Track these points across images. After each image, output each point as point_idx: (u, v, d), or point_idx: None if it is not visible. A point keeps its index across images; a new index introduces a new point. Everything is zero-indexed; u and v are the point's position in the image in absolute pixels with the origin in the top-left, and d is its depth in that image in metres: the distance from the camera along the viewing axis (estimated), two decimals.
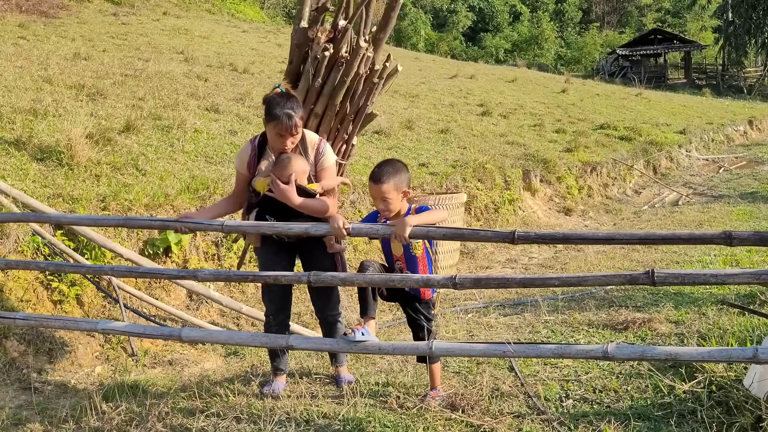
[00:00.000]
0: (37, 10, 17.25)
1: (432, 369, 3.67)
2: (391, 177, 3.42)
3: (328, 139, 4.24)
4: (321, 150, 3.72)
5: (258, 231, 3.66)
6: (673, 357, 3.11)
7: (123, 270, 4.34)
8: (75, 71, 10.39)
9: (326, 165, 3.72)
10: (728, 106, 27.85)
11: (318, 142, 3.75)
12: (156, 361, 5.08)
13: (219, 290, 6.06)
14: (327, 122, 4.26)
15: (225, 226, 3.63)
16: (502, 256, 8.51)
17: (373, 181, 3.45)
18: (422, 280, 3.39)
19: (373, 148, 10.22)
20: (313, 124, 4.28)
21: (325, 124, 4.26)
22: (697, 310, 4.82)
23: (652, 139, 15.76)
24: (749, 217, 9.65)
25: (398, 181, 3.45)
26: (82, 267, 4.66)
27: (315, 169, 3.70)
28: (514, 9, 53.71)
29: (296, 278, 3.61)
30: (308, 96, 4.32)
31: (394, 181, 3.43)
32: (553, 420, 3.33)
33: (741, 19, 40.79)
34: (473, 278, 3.48)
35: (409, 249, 3.54)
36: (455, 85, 19.51)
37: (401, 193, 3.48)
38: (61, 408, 3.81)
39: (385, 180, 3.41)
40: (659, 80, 40.46)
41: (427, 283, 3.41)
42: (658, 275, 2.93)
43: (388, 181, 3.42)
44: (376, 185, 3.44)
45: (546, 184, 11.44)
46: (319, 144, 3.74)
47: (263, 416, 3.46)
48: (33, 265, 4.78)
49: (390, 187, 3.42)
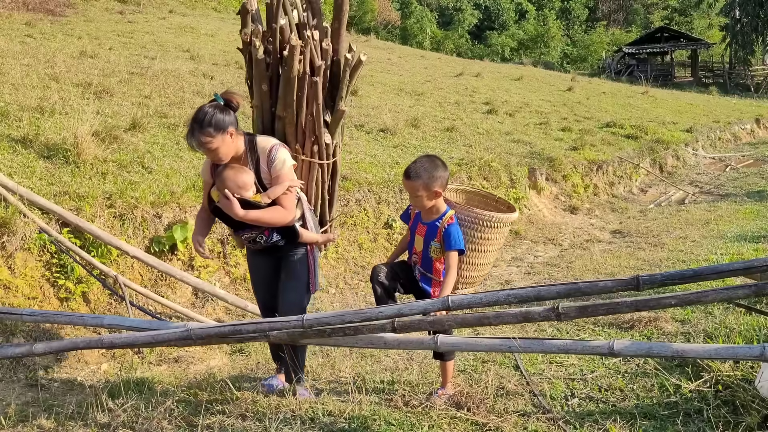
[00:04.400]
0: (44, 9, 17.29)
1: (446, 366, 3.67)
2: (423, 174, 3.38)
3: (296, 141, 4.12)
4: (272, 157, 3.58)
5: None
6: (680, 354, 3.07)
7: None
8: (81, 69, 10.41)
9: (279, 172, 3.58)
10: (735, 105, 27.73)
11: (270, 149, 3.60)
12: (162, 358, 5.10)
13: (225, 288, 6.08)
14: (290, 124, 4.08)
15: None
16: (507, 254, 8.49)
17: (405, 175, 3.44)
18: (521, 314, 3.13)
19: (378, 146, 10.21)
20: (279, 126, 4.14)
21: (288, 126, 4.09)
22: (704, 309, 4.80)
23: (658, 137, 15.70)
24: (756, 215, 9.61)
25: (430, 179, 3.39)
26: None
27: (270, 176, 3.59)
28: (520, 7, 53.63)
29: (380, 327, 3.27)
30: (264, 101, 4.17)
31: (423, 180, 3.38)
32: (558, 419, 3.32)
33: (748, 16, 40.62)
34: (578, 307, 3.06)
35: (428, 251, 3.53)
36: (461, 83, 19.47)
37: (433, 192, 3.42)
38: (67, 405, 3.83)
39: (414, 177, 3.39)
40: (666, 78, 40.34)
41: (527, 317, 3.18)
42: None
43: (418, 179, 3.38)
44: (406, 180, 3.43)
45: (552, 182, 11.41)
46: (271, 150, 3.59)
47: (268, 414, 3.46)
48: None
49: (419, 185, 3.39)
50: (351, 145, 9.76)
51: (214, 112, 3.41)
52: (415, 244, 3.60)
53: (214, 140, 3.39)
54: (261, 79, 4.14)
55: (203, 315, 5.73)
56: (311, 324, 3.29)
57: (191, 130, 3.40)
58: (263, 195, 3.53)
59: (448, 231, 3.46)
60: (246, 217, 3.45)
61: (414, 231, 3.61)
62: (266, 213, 3.51)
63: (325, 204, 4.43)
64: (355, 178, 8.02)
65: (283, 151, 3.64)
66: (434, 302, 3.20)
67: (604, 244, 8.91)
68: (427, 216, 3.53)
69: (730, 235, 8.11)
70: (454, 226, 3.49)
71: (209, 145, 3.39)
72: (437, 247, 3.50)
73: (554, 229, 9.88)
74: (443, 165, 3.48)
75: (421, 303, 3.19)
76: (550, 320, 3.17)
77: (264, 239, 3.60)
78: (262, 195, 3.53)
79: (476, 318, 3.21)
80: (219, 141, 3.40)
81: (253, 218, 3.48)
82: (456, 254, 3.46)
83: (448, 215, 3.51)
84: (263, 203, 3.51)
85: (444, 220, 3.49)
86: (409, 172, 3.41)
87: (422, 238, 3.55)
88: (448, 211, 3.52)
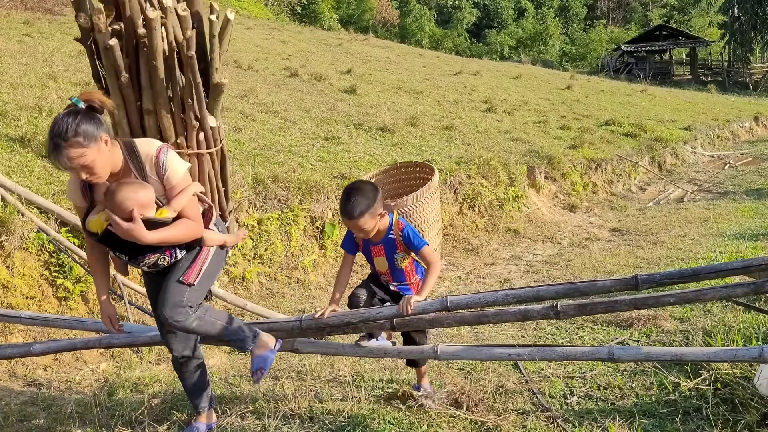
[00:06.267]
0: (42, 8, 17.25)
1: (420, 370, 3.68)
2: (365, 209, 3.15)
3: (176, 134, 3.59)
4: (162, 164, 2.87)
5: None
6: (679, 358, 3.07)
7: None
8: (80, 68, 10.39)
9: (174, 181, 2.88)
10: (734, 103, 27.74)
11: (156, 154, 2.87)
12: (161, 357, 5.09)
13: (224, 287, 6.07)
14: (164, 116, 3.48)
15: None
16: (506, 252, 8.50)
17: (347, 216, 3.17)
18: (520, 312, 3.14)
19: (377, 144, 10.21)
20: (151, 123, 3.54)
21: (164, 120, 3.49)
22: (702, 307, 4.80)
23: (657, 135, 15.71)
24: (755, 213, 9.62)
25: (372, 210, 3.18)
26: None
27: (163, 187, 2.89)
28: (519, 5, 53.62)
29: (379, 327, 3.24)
30: (126, 95, 3.52)
31: (369, 213, 3.17)
32: (557, 417, 3.32)
33: (747, 15, 40.64)
34: (577, 305, 3.04)
35: (395, 265, 3.40)
36: (459, 81, 19.47)
37: (377, 216, 3.23)
38: (66, 404, 3.83)
39: (358, 215, 3.15)
40: (664, 76, 40.35)
41: (526, 316, 3.16)
42: None
43: (363, 215, 3.15)
44: (351, 221, 3.18)
45: (550, 180, 11.41)
46: (157, 157, 2.87)
47: (267, 413, 3.46)
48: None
49: (366, 219, 3.17)
50: (350, 144, 9.75)
51: (77, 120, 2.66)
52: (377, 266, 3.43)
53: (88, 152, 2.65)
54: (116, 71, 3.39)
55: None
56: (309, 325, 3.29)
57: (55, 147, 2.63)
58: (168, 208, 2.86)
59: (406, 235, 3.31)
60: (153, 240, 2.79)
61: (370, 255, 3.41)
62: (175, 230, 2.88)
63: (221, 196, 3.91)
64: (354, 177, 8.02)
65: (172, 154, 2.95)
66: (433, 303, 3.19)
67: (603, 242, 8.91)
68: (377, 236, 3.33)
69: (729, 233, 8.11)
70: (407, 227, 3.35)
71: (82, 159, 2.65)
72: (403, 256, 3.38)
73: (553, 227, 9.88)
74: (372, 186, 3.28)
75: (421, 304, 3.18)
76: (549, 319, 3.17)
77: (167, 260, 2.95)
78: (167, 209, 2.86)
79: (475, 316, 3.21)
80: (94, 152, 2.67)
81: (160, 239, 2.81)
82: (427, 248, 3.32)
83: (395, 221, 3.35)
84: (169, 219, 2.85)
85: (395, 228, 3.34)
86: (350, 213, 3.15)
87: (383, 258, 3.39)
88: (392, 218, 3.36)
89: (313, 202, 7.29)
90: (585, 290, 3.02)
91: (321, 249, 7.19)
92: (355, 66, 17.98)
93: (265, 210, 6.87)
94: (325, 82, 14.30)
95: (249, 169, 7.56)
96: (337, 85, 14.36)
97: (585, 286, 3.00)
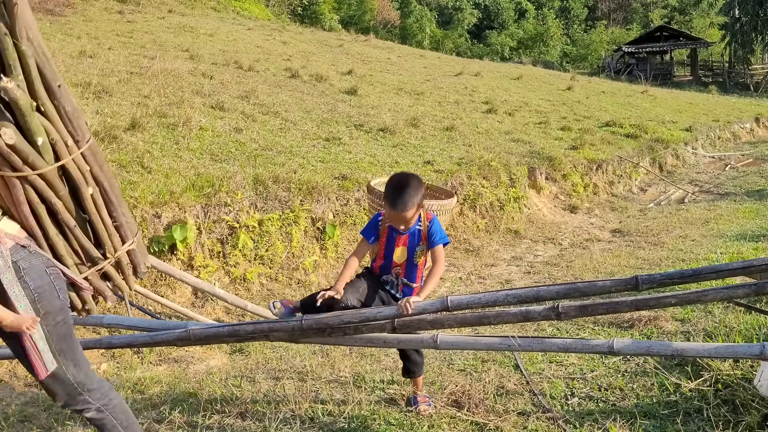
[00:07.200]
0: (43, 8, 17.27)
1: (417, 381, 3.62)
2: (415, 201, 3.22)
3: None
4: None
5: None
6: (680, 353, 3.07)
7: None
8: (81, 69, 10.41)
9: None
10: (735, 104, 27.73)
11: None
12: (161, 358, 5.10)
13: (224, 288, 6.08)
14: None
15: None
16: (507, 253, 8.50)
17: (397, 208, 3.20)
18: (521, 313, 3.15)
19: (378, 145, 10.20)
20: None
21: None
22: (703, 308, 4.80)
23: (658, 136, 15.70)
24: (756, 214, 9.61)
25: (418, 202, 3.25)
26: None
27: None
28: (520, 6, 53.58)
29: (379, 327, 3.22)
30: None
31: (415, 206, 3.23)
32: (558, 418, 3.32)
33: (748, 15, 40.63)
34: (578, 306, 3.04)
35: (413, 259, 3.40)
36: (460, 82, 19.46)
37: (420, 208, 3.31)
38: None
39: (410, 207, 3.20)
40: (665, 77, 40.34)
41: (527, 317, 3.16)
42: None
43: (410, 208, 3.21)
44: (401, 213, 3.21)
45: (551, 181, 11.41)
46: None
47: (268, 414, 3.46)
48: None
49: (413, 212, 3.25)
50: (351, 145, 9.75)
51: None
52: (395, 257, 3.41)
53: None
54: None
55: (203, 315, 5.73)
56: (310, 325, 3.29)
57: None
58: None
59: (432, 228, 3.35)
60: None
61: (392, 244, 3.40)
62: None
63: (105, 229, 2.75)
64: (355, 178, 8.02)
65: None
66: (433, 303, 3.19)
67: (603, 243, 8.91)
68: (406, 225, 3.36)
69: (730, 234, 8.11)
70: (435, 219, 3.39)
71: None
72: (422, 249, 3.40)
73: (554, 228, 9.87)
74: (418, 179, 3.30)
75: (421, 304, 3.18)
76: (549, 319, 3.17)
77: None
78: None
79: (476, 317, 3.21)
80: None
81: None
82: (442, 247, 3.35)
83: (423, 214, 3.39)
84: None
85: (423, 219, 3.38)
86: (401, 205, 3.19)
87: (405, 247, 3.39)
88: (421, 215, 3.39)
89: (314, 202, 7.29)
90: (585, 290, 3.02)
91: (322, 250, 7.19)
92: (356, 67, 17.98)
93: (266, 211, 6.87)
94: (325, 83, 14.30)
95: (250, 170, 7.56)
96: (337, 85, 14.36)
97: (585, 287, 3.01)
